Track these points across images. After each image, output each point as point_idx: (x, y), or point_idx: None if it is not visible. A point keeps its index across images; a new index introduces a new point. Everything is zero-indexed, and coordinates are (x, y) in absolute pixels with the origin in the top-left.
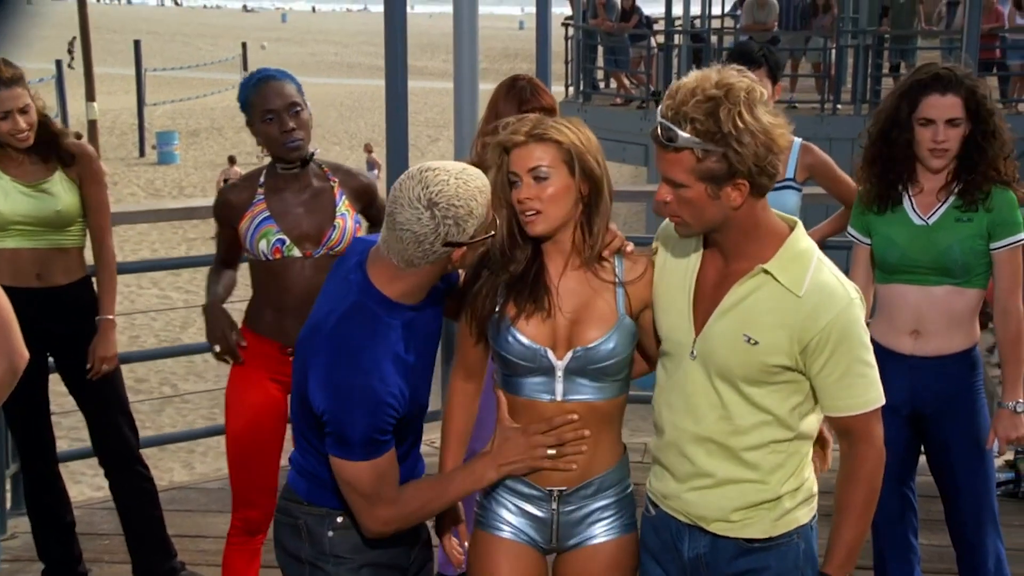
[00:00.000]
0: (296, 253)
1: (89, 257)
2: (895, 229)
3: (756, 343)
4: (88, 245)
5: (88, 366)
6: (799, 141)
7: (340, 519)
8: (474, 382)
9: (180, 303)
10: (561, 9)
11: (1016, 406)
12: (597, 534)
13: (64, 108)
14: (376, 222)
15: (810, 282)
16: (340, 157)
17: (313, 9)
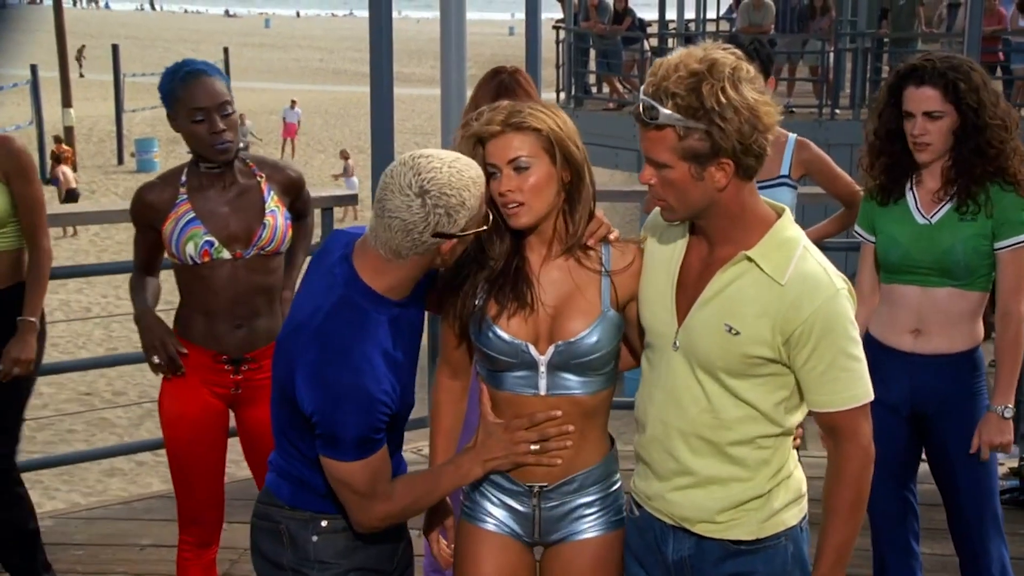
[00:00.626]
0: (225, 255)
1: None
2: (898, 228)
3: (738, 333)
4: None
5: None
6: (794, 137)
7: (325, 523)
8: (460, 379)
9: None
10: (551, 15)
11: (1004, 411)
12: (582, 530)
13: (39, 114)
14: (301, 215)
15: (794, 270)
16: (325, 165)
17: (297, 14)
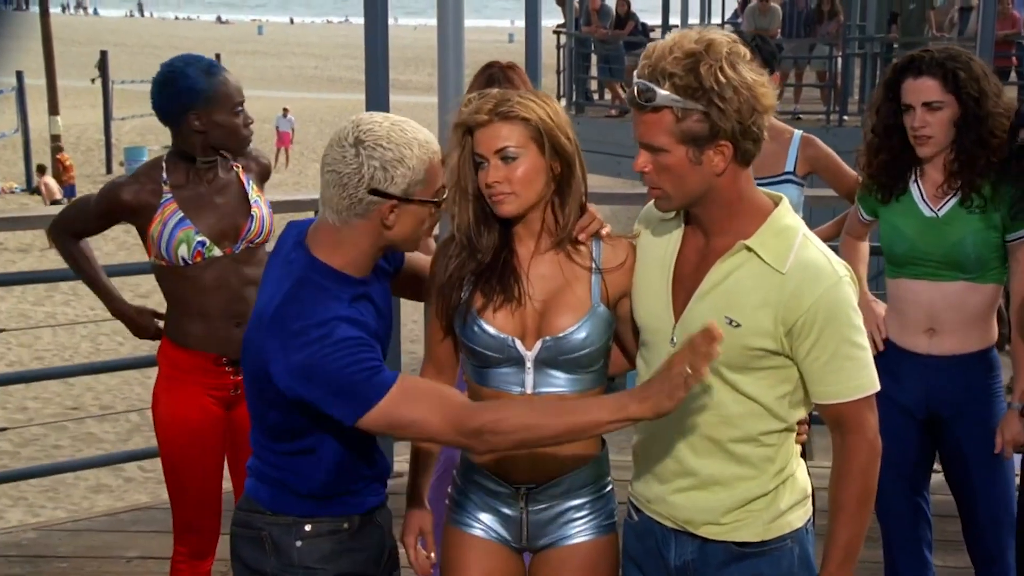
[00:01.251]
0: (217, 253)
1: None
2: (903, 219)
3: (738, 325)
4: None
5: None
6: (800, 133)
7: (308, 527)
8: (445, 378)
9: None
10: (551, 21)
11: None
12: (571, 534)
13: (25, 122)
14: None
15: (794, 259)
16: (320, 175)
17: (291, 20)
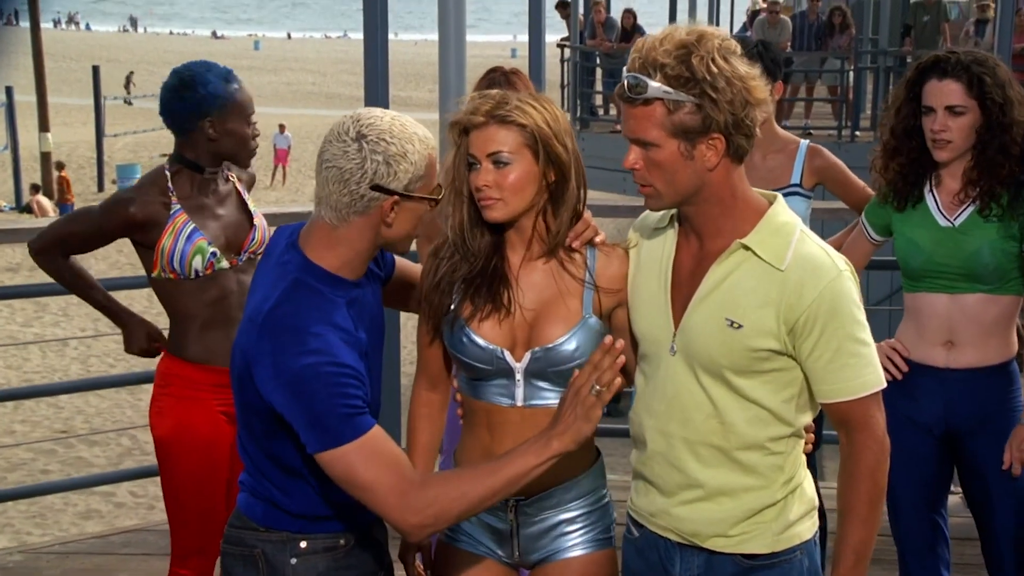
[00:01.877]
0: (224, 264)
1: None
2: (918, 231)
3: (740, 327)
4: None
5: None
6: (806, 143)
7: (303, 544)
8: (439, 391)
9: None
10: (554, 36)
11: None
12: (565, 548)
13: (15, 139)
14: None
15: (793, 254)
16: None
17: (288, 36)
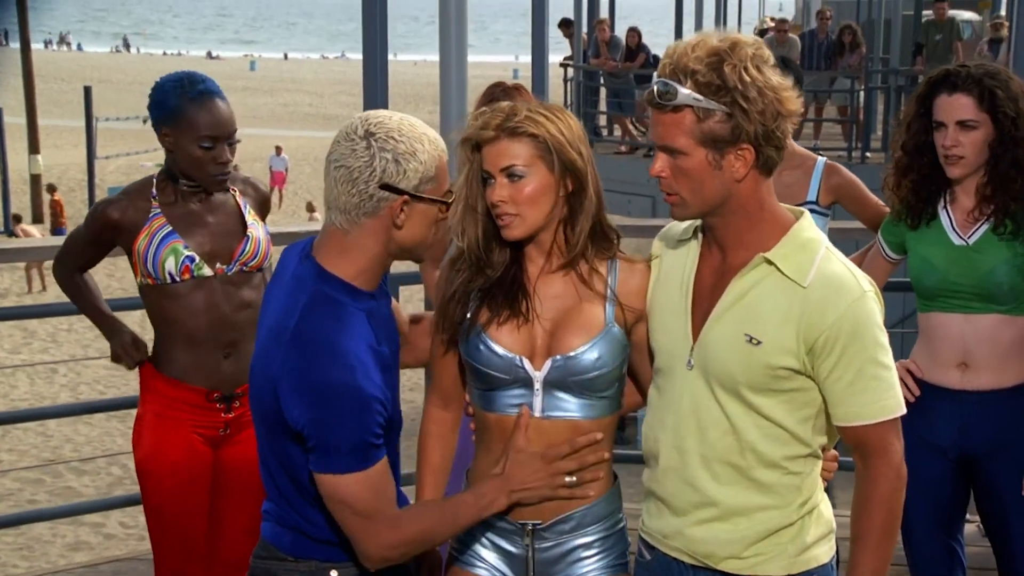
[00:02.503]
0: (207, 272)
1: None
2: (932, 249)
3: (759, 343)
4: None
5: None
6: (823, 160)
7: (334, 573)
8: (452, 410)
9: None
10: (556, 56)
11: None
12: (581, 574)
13: (4, 161)
14: None
15: (817, 272)
16: (314, 215)
17: (285, 56)
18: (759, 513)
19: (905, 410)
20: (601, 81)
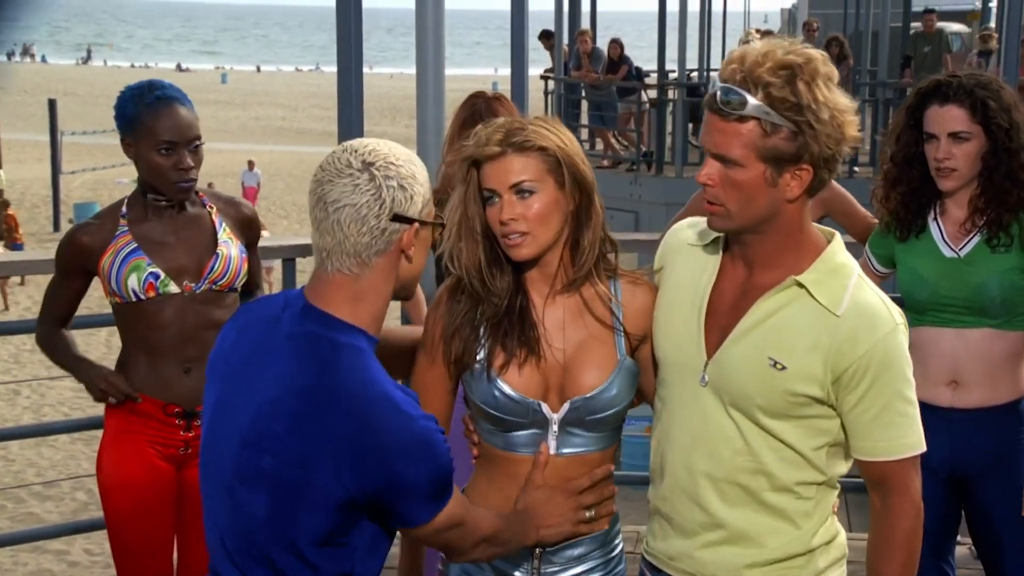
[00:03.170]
0: (173, 289)
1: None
2: (922, 262)
3: (784, 368)
4: None
5: None
6: None
7: None
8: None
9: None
10: (536, 69)
11: None
12: None
13: None
14: (251, 243)
15: (850, 300)
16: (288, 232)
17: (257, 68)
18: (769, 537)
19: (926, 447)
20: (583, 94)
